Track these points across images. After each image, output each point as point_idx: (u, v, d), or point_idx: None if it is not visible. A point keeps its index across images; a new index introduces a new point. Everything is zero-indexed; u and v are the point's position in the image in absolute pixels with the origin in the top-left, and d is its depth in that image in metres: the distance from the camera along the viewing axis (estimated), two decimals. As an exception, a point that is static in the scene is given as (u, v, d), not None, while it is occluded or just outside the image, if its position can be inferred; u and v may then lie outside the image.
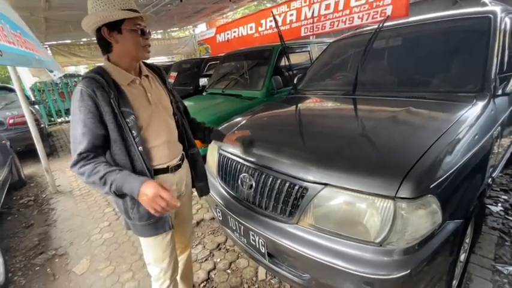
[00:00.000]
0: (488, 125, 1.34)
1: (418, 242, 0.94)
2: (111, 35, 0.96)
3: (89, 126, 0.92)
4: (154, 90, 1.13)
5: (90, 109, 0.92)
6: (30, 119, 3.21)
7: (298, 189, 1.14)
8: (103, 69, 1.00)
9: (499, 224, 1.98)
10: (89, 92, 0.92)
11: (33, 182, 3.94)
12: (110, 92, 0.95)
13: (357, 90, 1.81)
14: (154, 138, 1.09)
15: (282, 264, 1.25)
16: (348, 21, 5.44)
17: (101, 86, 0.94)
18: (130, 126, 0.98)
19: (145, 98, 1.07)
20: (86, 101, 0.92)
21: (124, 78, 1.02)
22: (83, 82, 0.95)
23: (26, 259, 2.21)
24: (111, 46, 1.00)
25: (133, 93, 1.03)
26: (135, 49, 1.01)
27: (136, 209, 1.05)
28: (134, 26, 0.98)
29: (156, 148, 1.10)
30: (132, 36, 0.98)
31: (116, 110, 0.96)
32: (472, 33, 1.72)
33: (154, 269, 1.19)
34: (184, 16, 8.76)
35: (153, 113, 1.08)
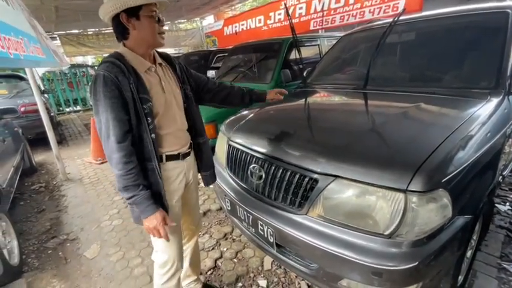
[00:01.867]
0: (501, 122, 1.33)
1: (427, 235, 0.95)
2: (130, 21, 0.97)
3: (117, 111, 0.94)
4: (167, 78, 1.15)
5: (115, 94, 0.94)
6: (42, 107, 3.27)
7: (308, 180, 1.15)
8: (121, 55, 1.01)
9: (507, 223, 1.98)
10: (111, 77, 0.93)
11: (43, 169, 4.03)
12: (129, 78, 0.97)
13: (368, 85, 1.80)
14: (167, 126, 1.11)
15: (289, 254, 1.28)
16: (359, 15, 5.36)
17: (121, 71, 0.95)
18: (147, 112, 1.01)
19: (160, 86, 1.09)
20: (109, 86, 0.93)
21: (142, 65, 1.04)
22: (104, 67, 0.96)
23: (38, 242, 2.28)
24: (128, 33, 1.01)
25: (150, 80, 1.05)
26: (152, 36, 1.02)
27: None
28: (151, 13, 0.99)
29: (168, 135, 1.13)
30: (150, 22, 1.00)
31: (135, 95, 0.97)
32: (488, 29, 1.68)
33: (162, 256, 1.22)
34: (193, 8, 8.69)
35: (167, 101, 1.10)
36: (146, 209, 1.00)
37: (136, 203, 1.00)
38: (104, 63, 0.98)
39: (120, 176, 0.97)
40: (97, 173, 3.67)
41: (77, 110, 9.19)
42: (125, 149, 0.96)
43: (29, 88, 4.98)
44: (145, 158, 1.04)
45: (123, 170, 0.96)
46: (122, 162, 0.96)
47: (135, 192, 0.99)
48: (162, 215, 1.03)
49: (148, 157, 1.04)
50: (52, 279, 1.87)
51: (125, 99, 0.96)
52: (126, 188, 0.98)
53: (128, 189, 0.98)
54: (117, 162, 0.95)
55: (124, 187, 0.98)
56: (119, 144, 0.95)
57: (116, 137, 0.94)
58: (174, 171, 1.17)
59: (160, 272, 1.24)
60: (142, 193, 0.99)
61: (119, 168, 0.96)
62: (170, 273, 1.23)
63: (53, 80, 8.73)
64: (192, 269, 1.55)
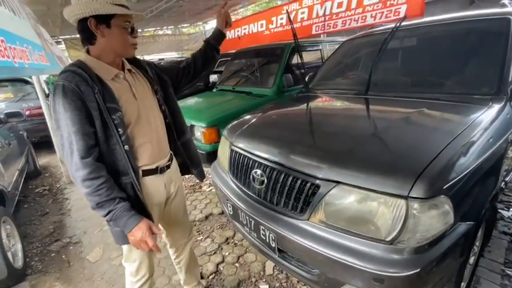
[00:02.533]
0: (503, 128, 1.33)
1: (429, 241, 0.95)
2: (98, 27, 0.91)
3: (80, 124, 0.87)
4: (138, 84, 1.08)
5: (76, 105, 0.86)
6: (47, 111, 3.31)
7: (310, 186, 1.16)
8: (84, 63, 0.94)
9: (510, 229, 1.96)
10: (72, 87, 0.86)
11: (47, 172, 4.07)
12: (93, 87, 0.89)
13: (369, 90, 1.81)
14: (142, 135, 1.04)
15: (291, 259, 1.28)
16: (361, 20, 5.38)
17: (84, 80, 0.88)
18: (117, 123, 0.93)
19: (131, 92, 1.03)
20: (70, 97, 0.86)
21: (107, 73, 0.97)
22: (63, 76, 0.88)
23: (42, 245, 2.30)
24: (95, 39, 0.94)
25: (118, 88, 0.98)
26: (122, 46, 0.97)
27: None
28: (124, 24, 0.94)
29: (144, 146, 1.05)
30: (121, 33, 0.95)
31: (102, 106, 0.90)
32: (489, 35, 1.69)
33: (130, 266, 1.19)
34: (196, 12, 8.80)
35: (140, 108, 1.04)
36: (128, 221, 0.92)
37: (116, 218, 0.92)
38: (64, 72, 0.90)
39: (90, 194, 0.88)
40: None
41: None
42: (90, 165, 0.88)
43: (34, 92, 5.06)
44: (120, 172, 0.97)
45: (91, 187, 0.88)
46: (89, 179, 0.87)
47: (111, 207, 0.90)
48: (147, 225, 0.95)
49: (123, 171, 0.97)
50: (55, 282, 1.89)
51: (88, 111, 0.88)
52: (100, 205, 0.90)
53: (102, 206, 0.90)
54: (83, 179, 0.87)
55: (97, 204, 0.90)
56: (83, 160, 0.87)
57: (79, 152, 0.87)
58: (152, 188, 1.10)
59: (132, 280, 1.22)
60: (120, 205, 0.91)
61: (86, 186, 0.88)
62: (142, 281, 1.21)
63: (58, 83, 8.82)
64: (190, 276, 1.54)
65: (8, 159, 2.66)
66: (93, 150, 0.91)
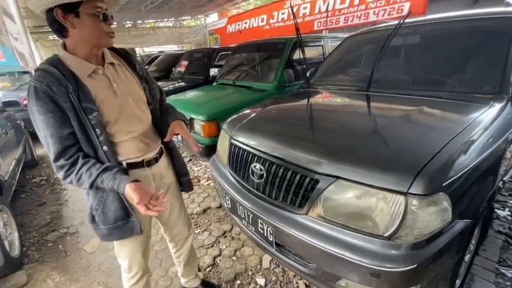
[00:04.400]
0: (503, 128, 1.33)
1: (427, 238, 0.95)
2: (66, 18, 0.83)
3: (54, 127, 0.84)
4: (121, 79, 1.01)
5: (48, 108, 0.82)
6: (44, 101, 3.27)
7: (309, 181, 1.16)
8: (58, 60, 0.88)
9: (505, 228, 1.98)
10: (43, 89, 0.82)
11: (45, 163, 4.05)
12: (67, 86, 0.84)
13: (371, 87, 1.80)
14: (124, 133, 0.99)
15: (288, 253, 1.28)
16: (363, 17, 5.35)
17: (57, 80, 0.83)
18: (94, 124, 0.89)
19: (111, 89, 0.96)
20: (42, 99, 0.82)
21: (83, 69, 0.91)
22: (35, 76, 0.84)
23: (39, 235, 2.30)
24: (67, 31, 0.86)
25: (95, 85, 0.92)
26: (96, 36, 0.88)
27: (101, 210, 0.98)
28: (94, 10, 0.85)
29: (127, 142, 1.01)
30: (93, 21, 0.86)
31: (76, 106, 0.85)
32: (493, 34, 1.68)
33: (123, 262, 1.18)
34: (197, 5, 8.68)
35: (122, 105, 0.97)
36: (119, 184, 0.87)
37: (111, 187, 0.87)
38: (36, 71, 0.85)
39: (77, 185, 0.89)
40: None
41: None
42: (65, 165, 0.87)
43: (31, 81, 5.00)
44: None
45: (74, 180, 0.88)
46: (68, 176, 0.88)
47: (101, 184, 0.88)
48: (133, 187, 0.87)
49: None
50: (52, 271, 1.89)
51: (63, 112, 0.84)
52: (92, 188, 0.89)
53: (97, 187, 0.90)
54: (64, 177, 0.88)
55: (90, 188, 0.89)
56: (57, 163, 0.87)
57: (54, 155, 0.86)
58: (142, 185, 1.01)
59: (127, 276, 1.21)
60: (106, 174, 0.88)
61: (70, 181, 0.89)
62: (136, 278, 1.20)
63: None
64: (189, 269, 1.54)
65: (5, 149, 2.64)
66: (70, 149, 0.88)
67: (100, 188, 0.91)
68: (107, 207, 0.99)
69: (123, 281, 1.25)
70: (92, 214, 1.02)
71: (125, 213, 1.01)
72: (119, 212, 0.99)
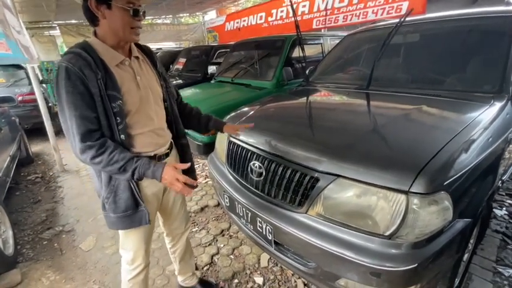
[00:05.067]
0: (503, 127, 1.32)
1: (427, 237, 0.95)
2: (99, 8, 0.87)
3: (82, 108, 0.86)
4: (144, 73, 1.06)
5: (79, 90, 0.85)
6: (40, 97, 3.23)
7: (309, 179, 1.15)
8: (90, 46, 0.92)
9: (503, 227, 1.99)
10: (75, 71, 0.84)
11: (40, 160, 4.00)
12: (97, 73, 0.87)
13: (371, 85, 1.79)
14: (141, 125, 1.02)
15: (287, 251, 1.27)
16: (362, 16, 5.34)
17: (88, 64, 0.86)
18: (116, 111, 0.91)
19: (135, 81, 1.00)
20: (73, 81, 0.84)
21: (113, 58, 0.95)
22: (67, 58, 0.86)
23: (34, 233, 2.26)
24: (98, 20, 0.91)
25: (121, 75, 0.95)
26: (122, 29, 0.92)
27: (112, 198, 1.01)
28: (126, 5, 0.89)
29: (143, 135, 1.04)
30: (122, 15, 0.89)
31: (103, 92, 0.88)
32: (493, 33, 1.67)
33: (126, 254, 1.18)
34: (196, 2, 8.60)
35: (143, 98, 1.01)
36: (155, 170, 0.92)
37: (143, 173, 0.92)
38: (68, 53, 0.88)
39: (106, 165, 0.89)
40: (94, 165, 3.64)
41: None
42: (94, 145, 0.87)
43: (26, 77, 4.94)
44: None
45: (104, 160, 0.88)
46: (98, 155, 0.87)
47: (134, 165, 0.90)
48: (171, 166, 0.95)
49: None
50: (47, 270, 1.86)
51: (91, 96, 0.87)
52: (122, 169, 0.90)
53: (125, 169, 0.90)
54: (92, 157, 0.87)
55: (119, 169, 0.89)
56: (85, 144, 0.86)
57: (81, 136, 0.86)
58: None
59: (128, 268, 1.21)
60: (140, 161, 0.92)
61: (98, 162, 0.88)
62: (138, 270, 1.21)
63: (52, 69, 8.63)
64: (186, 266, 1.53)
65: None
66: (95, 133, 0.89)
67: (121, 173, 0.91)
68: (117, 196, 1.01)
69: (123, 273, 1.23)
70: (103, 202, 1.04)
71: (134, 202, 1.03)
72: (129, 201, 1.02)
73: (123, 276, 1.24)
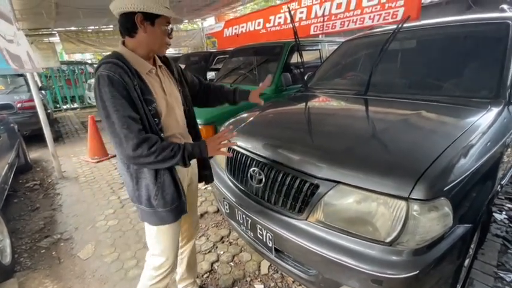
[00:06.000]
0: (501, 132, 1.33)
1: (428, 243, 0.94)
2: (143, 23, 0.97)
3: (129, 109, 0.92)
4: (167, 81, 1.15)
5: (122, 94, 0.92)
6: (39, 104, 3.23)
7: (309, 185, 1.15)
8: (121, 56, 0.99)
9: (503, 231, 1.98)
10: (117, 78, 0.91)
11: (39, 167, 3.98)
12: (133, 80, 0.96)
13: (369, 91, 1.81)
14: (170, 129, 1.11)
15: (288, 259, 1.27)
16: (359, 22, 5.40)
17: (126, 72, 0.94)
18: (153, 113, 1.01)
19: (161, 88, 1.09)
20: (117, 86, 0.91)
21: (143, 67, 1.03)
22: (106, 67, 0.92)
23: (31, 241, 2.24)
24: (136, 32, 0.99)
25: (152, 82, 1.05)
26: (159, 44, 1.04)
27: (160, 194, 1.07)
28: (167, 25, 1.02)
29: (172, 137, 1.13)
30: (162, 33, 1.02)
31: (140, 97, 0.97)
32: (489, 39, 1.70)
33: (159, 259, 1.20)
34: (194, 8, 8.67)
35: (169, 104, 1.10)
36: (201, 147, 1.03)
37: (192, 153, 1.01)
38: (106, 63, 0.94)
39: (159, 153, 0.94)
40: (93, 172, 3.63)
41: (74, 107, 9.14)
42: (147, 139, 0.94)
43: (25, 84, 4.95)
44: None
45: (158, 148, 0.94)
46: (153, 145, 0.93)
47: (182, 148, 0.98)
48: (210, 138, 1.07)
49: None
50: (44, 279, 1.84)
51: (132, 100, 0.94)
52: (172, 155, 0.97)
53: (175, 154, 0.97)
54: (148, 148, 0.93)
55: (170, 154, 0.96)
56: (139, 138, 0.92)
57: (135, 133, 0.92)
58: (180, 173, 1.16)
59: (154, 274, 1.21)
60: (186, 145, 1.00)
61: (152, 152, 0.93)
62: (164, 274, 1.22)
63: (51, 76, 8.66)
64: (189, 272, 1.54)
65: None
66: (143, 132, 0.96)
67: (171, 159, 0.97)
68: (165, 192, 1.07)
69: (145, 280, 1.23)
70: (151, 201, 1.08)
71: (178, 194, 1.10)
72: (175, 194, 1.09)
73: (143, 281, 1.24)
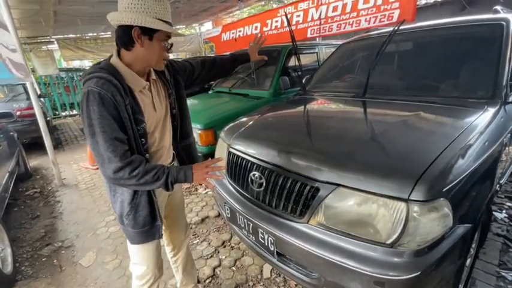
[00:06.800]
0: (498, 132, 1.35)
1: (429, 244, 0.95)
2: (141, 37, 0.92)
3: (117, 131, 0.90)
4: (158, 94, 1.12)
5: (112, 114, 0.89)
6: (38, 112, 3.24)
7: (309, 189, 1.15)
8: (116, 71, 0.94)
9: (504, 230, 1.99)
10: (108, 98, 0.87)
11: (38, 175, 3.98)
12: (126, 98, 0.92)
13: (367, 93, 1.82)
14: (156, 144, 1.11)
15: (290, 262, 1.27)
16: (355, 24, 5.44)
17: (118, 91, 0.90)
18: (141, 133, 0.98)
19: (152, 104, 1.07)
20: (107, 106, 0.87)
21: (138, 84, 1.00)
22: (99, 83, 0.88)
23: (32, 250, 2.23)
24: (133, 46, 0.94)
25: (143, 100, 1.02)
26: (156, 59, 0.99)
27: (133, 215, 1.05)
28: (166, 39, 0.97)
29: (158, 152, 1.13)
30: (160, 47, 0.97)
31: (131, 117, 0.94)
32: (484, 40, 1.72)
33: (140, 268, 1.20)
34: (192, 14, 8.75)
35: (158, 119, 1.09)
36: (186, 172, 1.00)
37: (176, 177, 0.98)
38: (98, 78, 0.89)
39: (142, 176, 0.92)
40: (93, 179, 3.63)
41: (73, 114, 9.14)
42: (130, 161, 0.91)
43: (24, 92, 4.96)
44: None
45: (140, 172, 0.92)
46: (135, 168, 0.91)
47: (166, 171, 0.96)
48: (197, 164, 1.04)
49: None
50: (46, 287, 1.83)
51: (121, 120, 0.91)
52: (156, 178, 0.94)
53: (158, 177, 0.94)
54: (130, 171, 0.90)
55: (153, 178, 0.94)
56: (123, 162, 0.90)
57: (119, 157, 0.89)
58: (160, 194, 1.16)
59: (139, 283, 1.22)
60: (171, 168, 0.98)
61: (135, 175, 0.91)
62: (149, 284, 1.22)
63: (50, 84, 8.68)
64: (188, 278, 1.53)
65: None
66: (128, 152, 0.94)
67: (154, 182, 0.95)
68: (138, 213, 1.06)
69: None
70: (122, 219, 1.08)
71: (152, 218, 1.09)
72: (148, 218, 1.08)
73: None
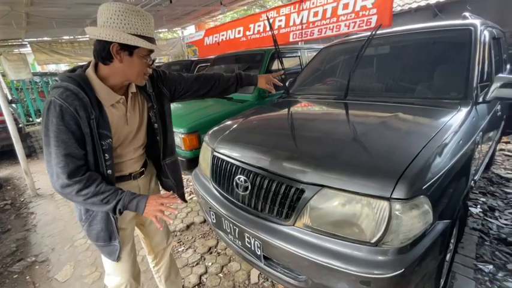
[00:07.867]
0: (471, 130, 1.42)
1: (411, 241, 0.97)
2: (119, 53, 0.87)
3: (72, 147, 0.86)
4: (135, 107, 1.07)
5: (70, 129, 0.84)
6: (9, 118, 3.05)
7: (294, 191, 1.15)
8: (88, 83, 0.90)
9: (479, 224, 2.09)
10: (70, 111, 0.83)
11: (10, 185, 3.73)
12: (91, 113, 0.88)
13: (348, 95, 1.86)
14: (123, 156, 1.07)
15: (277, 266, 1.25)
16: (335, 29, 5.60)
17: (84, 105, 0.86)
18: (105, 149, 0.94)
19: (124, 118, 1.02)
20: (66, 120, 0.83)
21: (109, 99, 0.95)
22: (63, 96, 0.83)
23: (2, 267, 2.08)
24: (111, 61, 0.89)
25: (113, 114, 0.97)
26: (136, 75, 0.95)
27: (87, 226, 1.03)
28: (147, 55, 0.93)
29: (123, 163, 1.09)
30: (141, 63, 0.93)
31: (94, 131, 0.90)
32: (455, 44, 1.82)
33: (114, 279, 1.17)
34: (174, 17, 8.64)
35: (128, 133, 1.05)
36: (139, 202, 0.95)
37: (126, 205, 0.93)
38: (64, 89, 0.85)
39: (91, 196, 0.89)
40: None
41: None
42: (81, 179, 0.88)
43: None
44: None
45: (90, 192, 0.88)
46: (85, 188, 0.88)
47: (118, 197, 0.92)
48: (154, 196, 0.98)
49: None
50: (18, 307, 1.70)
51: (82, 135, 0.88)
52: (105, 201, 0.90)
53: (108, 201, 0.90)
54: (78, 191, 0.87)
55: (102, 201, 0.90)
56: (73, 179, 0.86)
57: (69, 175, 0.86)
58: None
59: None
60: (125, 193, 0.94)
61: (84, 194, 0.88)
62: None
63: (23, 88, 8.24)
64: (171, 286, 1.48)
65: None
66: (82, 168, 0.90)
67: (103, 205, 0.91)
68: (91, 226, 1.03)
69: None
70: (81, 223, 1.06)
71: (108, 236, 1.04)
72: (102, 234, 1.03)
73: None
